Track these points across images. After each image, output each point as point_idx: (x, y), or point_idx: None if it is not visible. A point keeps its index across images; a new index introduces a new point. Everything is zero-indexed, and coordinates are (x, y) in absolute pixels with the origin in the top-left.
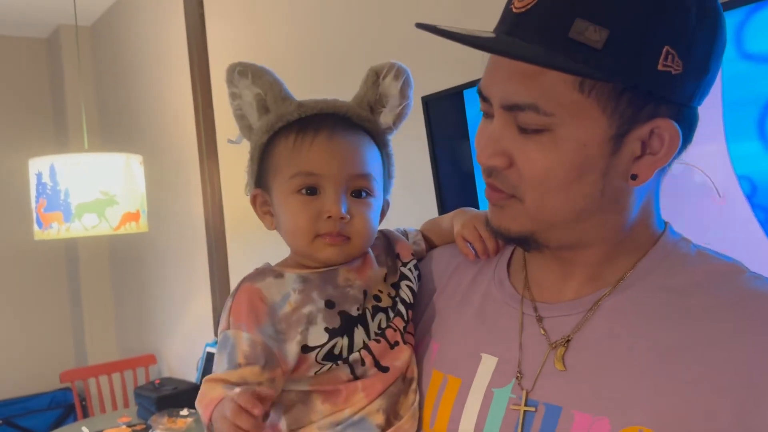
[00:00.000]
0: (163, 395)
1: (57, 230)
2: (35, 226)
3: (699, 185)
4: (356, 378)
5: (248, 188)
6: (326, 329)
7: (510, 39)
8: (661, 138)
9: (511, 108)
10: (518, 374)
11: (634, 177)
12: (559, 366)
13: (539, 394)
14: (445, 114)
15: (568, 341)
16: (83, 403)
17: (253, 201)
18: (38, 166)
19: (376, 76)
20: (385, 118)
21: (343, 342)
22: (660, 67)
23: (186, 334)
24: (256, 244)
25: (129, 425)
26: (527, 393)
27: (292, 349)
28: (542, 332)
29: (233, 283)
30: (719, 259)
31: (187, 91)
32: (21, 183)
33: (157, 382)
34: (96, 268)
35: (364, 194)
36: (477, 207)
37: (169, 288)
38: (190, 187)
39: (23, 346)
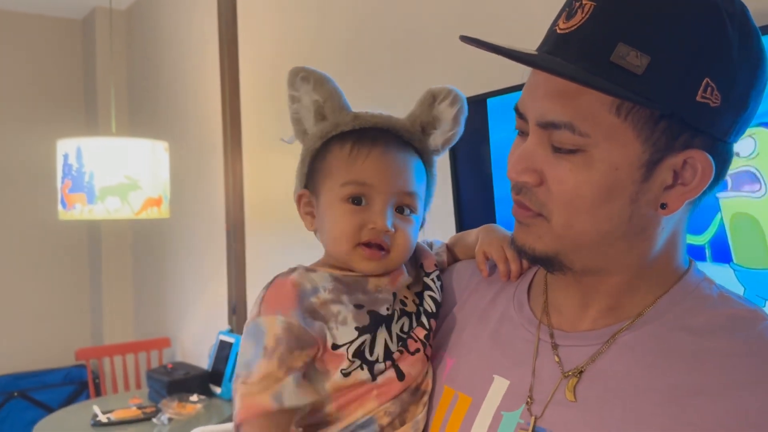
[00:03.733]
0: (174, 380)
1: (80, 211)
2: (59, 206)
3: None
4: (374, 379)
5: (295, 188)
6: (356, 328)
7: (552, 58)
8: (693, 169)
9: (547, 126)
10: (528, 399)
11: (663, 206)
12: (570, 397)
13: (548, 422)
14: (467, 121)
15: (581, 372)
16: (96, 381)
17: (298, 201)
18: (65, 147)
19: (432, 99)
20: (434, 140)
21: (366, 339)
22: (699, 99)
23: (201, 321)
24: (274, 235)
25: (139, 407)
26: (536, 419)
27: (323, 332)
28: (556, 360)
29: (249, 273)
30: (741, 304)
31: (215, 81)
32: (49, 163)
33: (170, 366)
34: (118, 251)
35: (408, 211)
36: (493, 213)
37: (187, 274)
38: (213, 176)
39: (42, 322)
